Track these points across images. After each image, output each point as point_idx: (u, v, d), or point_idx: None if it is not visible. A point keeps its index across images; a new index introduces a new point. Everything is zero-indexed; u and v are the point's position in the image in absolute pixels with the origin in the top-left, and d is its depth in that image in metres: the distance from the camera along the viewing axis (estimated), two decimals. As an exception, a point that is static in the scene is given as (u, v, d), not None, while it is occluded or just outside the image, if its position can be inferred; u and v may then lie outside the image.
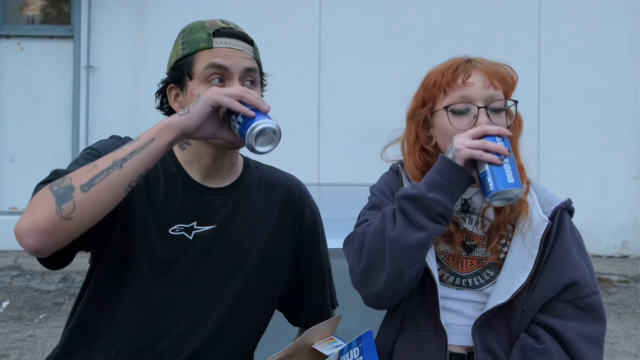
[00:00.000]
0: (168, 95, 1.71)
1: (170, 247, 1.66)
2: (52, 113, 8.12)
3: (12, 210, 8.05)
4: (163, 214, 1.66)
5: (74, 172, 1.45)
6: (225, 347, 1.69)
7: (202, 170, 1.71)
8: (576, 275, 1.61)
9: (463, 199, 1.70)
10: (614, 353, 5.15)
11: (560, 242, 1.65)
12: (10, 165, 8.13)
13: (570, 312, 1.61)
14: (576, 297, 1.61)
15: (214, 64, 1.61)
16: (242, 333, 1.75)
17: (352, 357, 1.47)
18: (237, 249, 1.71)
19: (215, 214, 1.71)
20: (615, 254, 8.08)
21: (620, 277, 7.13)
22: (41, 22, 8.43)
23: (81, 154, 1.65)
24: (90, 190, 1.42)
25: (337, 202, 3.24)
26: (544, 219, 1.64)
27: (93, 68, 7.98)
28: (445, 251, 1.70)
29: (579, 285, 1.61)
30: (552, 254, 1.63)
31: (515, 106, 1.72)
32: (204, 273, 1.68)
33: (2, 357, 4.89)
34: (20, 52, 8.17)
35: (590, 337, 1.59)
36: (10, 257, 7.26)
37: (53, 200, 1.41)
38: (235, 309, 1.70)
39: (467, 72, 1.65)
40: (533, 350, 1.59)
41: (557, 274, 1.61)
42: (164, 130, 1.49)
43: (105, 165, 1.44)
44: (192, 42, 1.66)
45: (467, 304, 1.67)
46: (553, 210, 1.66)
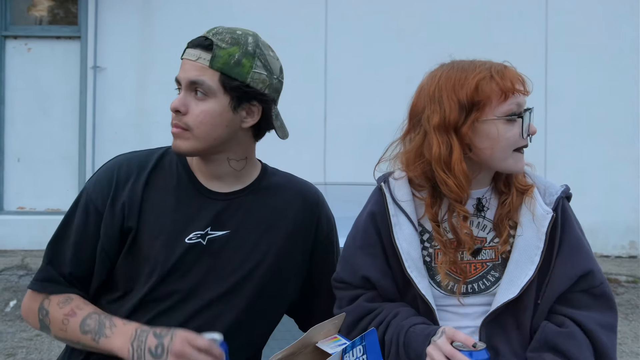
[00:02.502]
0: None
1: (187, 256, 1.67)
2: (59, 113, 8.13)
3: (19, 210, 8.07)
4: (178, 224, 1.68)
5: (53, 316, 1.66)
6: (233, 349, 1.68)
7: (209, 174, 1.73)
8: (590, 264, 1.61)
9: (477, 199, 1.66)
10: (621, 354, 5.12)
11: (569, 232, 1.63)
12: (17, 165, 8.15)
13: (587, 302, 1.60)
14: (591, 286, 1.61)
15: (176, 78, 1.66)
16: (251, 336, 1.76)
17: (356, 355, 1.47)
18: (249, 254, 1.71)
19: (229, 219, 1.72)
20: (623, 254, 8.04)
21: (628, 278, 7.09)
22: (48, 23, 8.44)
23: (74, 207, 1.74)
24: (61, 338, 1.69)
25: (343, 202, 3.22)
26: (547, 210, 1.62)
27: (100, 68, 7.99)
28: (463, 260, 1.66)
29: (593, 274, 1.60)
30: (563, 245, 1.61)
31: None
32: (216, 278, 1.69)
33: (9, 356, 4.90)
34: (27, 53, 8.19)
35: (607, 325, 1.60)
36: (18, 256, 7.28)
37: (38, 325, 1.70)
38: (244, 313, 1.71)
39: (518, 77, 1.63)
40: (558, 334, 1.57)
41: (571, 264, 1.60)
42: (116, 350, 1.57)
43: (73, 337, 1.64)
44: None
45: (473, 307, 1.66)
46: (555, 201, 1.64)
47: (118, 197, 1.68)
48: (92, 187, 1.71)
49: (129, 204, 1.68)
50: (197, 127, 1.63)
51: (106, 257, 1.68)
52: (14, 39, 8.17)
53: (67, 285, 1.69)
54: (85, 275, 1.70)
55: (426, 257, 1.67)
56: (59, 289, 1.68)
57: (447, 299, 1.66)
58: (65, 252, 1.69)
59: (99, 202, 1.68)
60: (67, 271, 1.68)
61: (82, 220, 1.69)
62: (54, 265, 1.69)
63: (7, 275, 6.79)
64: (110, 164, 1.75)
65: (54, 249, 1.71)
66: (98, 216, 1.68)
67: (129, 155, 1.78)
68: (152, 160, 1.74)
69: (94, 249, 1.68)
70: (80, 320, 1.62)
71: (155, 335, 1.54)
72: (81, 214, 1.69)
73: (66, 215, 1.73)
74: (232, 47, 1.62)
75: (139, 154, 1.78)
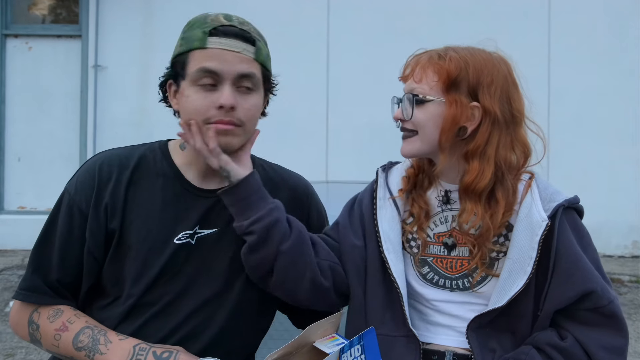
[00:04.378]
0: (168, 91, 1.67)
1: (176, 257, 1.62)
2: (59, 112, 8.12)
3: (19, 210, 8.06)
4: (166, 225, 1.63)
5: (44, 330, 1.59)
6: (226, 351, 1.65)
7: (200, 171, 1.67)
8: (591, 285, 1.52)
9: (445, 190, 1.67)
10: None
11: (568, 247, 1.54)
12: (17, 164, 8.14)
13: (595, 320, 1.53)
14: (598, 306, 1.53)
15: (205, 69, 1.55)
16: (244, 337, 1.72)
17: (354, 355, 1.44)
18: (239, 251, 1.66)
19: (217, 217, 1.67)
20: (626, 254, 8.02)
21: (631, 277, 7.07)
22: (49, 22, 8.43)
23: (56, 211, 1.66)
24: (53, 353, 1.63)
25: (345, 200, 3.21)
26: (543, 218, 1.54)
27: (101, 67, 7.97)
28: (433, 253, 1.66)
29: (597, 294, 1.52)
30: (561, 260, 1.53)
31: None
32: (206, 278, 1.65)
33: (9, 356, 4.88)
34: (28, 52, 8.18)
35: (613, 349, 1.52)
36: (18, 256, 7.26)
37: (28, 338, 1.64)
38: (236, 313, 1.67)
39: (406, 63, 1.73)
40: (548, 345, 1.53)
41: (572, 283, 1.52)
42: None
43: (66, 353, 1.57)
44: (189, 40, 1.60)
45: (463, 305, 1.63)
46: (554, 209, 1.55)
47: (101, 198, 1.61)
48: (73, 189, 1.63)
49: (111, 205, 1.61)
50: (248, 122, 1.60)
51: (93, 260, 1.61)
52: (14, 38, 8.16)
53: (53, 294, 1.62)
54: (73, 281, 1.63)
55: (414, 249, 1.68)
56: (46, 299, 1.61)
57: (435, 292, 1.65)
58: (51, 258, 1.61)
59: (82, 203, 1.61)
60: (54, 278, 1.61)
61: (65, 223, 1.61)
62: (40, 273, 1.61)
63: (7, 275, 6.77)
64: (90, 163, 1.68)
65: (39, 255, 1.63)
66: (82, 218, 1.61)
67: (109, 153, 1.70)
68: (134, 158, 1.67)
69: (80, 252, 1.61)
70: (73, 336, 1.56)
71: (156, 357, 1.50)
72: (64, 217, 1.62)
73: (48, 220, 1.65)
74: (262, 38, 1.63)
75: (119, 151, 1.71)
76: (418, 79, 1.62)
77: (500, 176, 1.58)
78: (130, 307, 1.60)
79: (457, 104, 1.56)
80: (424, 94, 1.59)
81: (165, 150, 1.71)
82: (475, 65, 1.59)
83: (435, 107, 1.58)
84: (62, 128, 8.10)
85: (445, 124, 1.57)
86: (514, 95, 1.62)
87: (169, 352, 1.52)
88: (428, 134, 1.60)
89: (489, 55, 1.65)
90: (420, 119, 1.60)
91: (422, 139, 1.61)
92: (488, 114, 1.57)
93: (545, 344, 1.53)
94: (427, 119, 1.59)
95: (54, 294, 1.62)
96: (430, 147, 1.61)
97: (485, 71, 1.59)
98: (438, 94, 1.59)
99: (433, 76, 1.60)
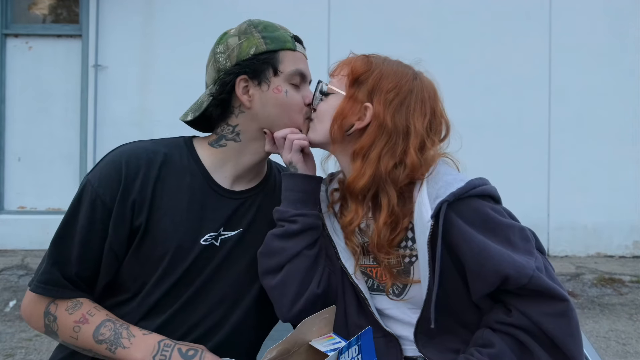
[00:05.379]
0: (236, 86, 1.65)
1: (200, 257, 1.63)
2: (60, 112, 8.11)
3: (20, 210, 8.05)
4: (193, 225, 1.63)
5: (62, 322, 1.58)
6: (236, 348, 1.67)
7: (236, 171, 1.69)
8: (503, 270, 1.45)
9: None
10: (626, 354, 5.09)
11: (468, 240, 1.47)
12: (18, 164, 8.13)
13: (527, 293, 1.47)
14: (520, 285, 1.46)
15: (300, 70, 1.67)
16: (254, 336, 1.74)
17: (351, 355, 1.44)
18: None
19: (241, 218, 1.69)
20: (627, 254, 8.01)
21: (632, 278, 7.06)
22: (49, 21, 8.42)
23: (77, 203, 1.62)
24: (70, 345, 1.62)
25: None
26: (427, 218, 1.48)
27: (101, 67, 7.96)
28: (365, 263, 1.66)
29: (513, 277, 1.45)
30: (466, 254, 1.47)
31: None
32: (225, 278, 1.66)
33: (9, 356, 4.88)
34: (28, 51, 8.17)
35: (555, 314, 1.46)
36: (18, 256, 7.26)
37: (43, 329, 1.63)
38: (251, 314, 1.68)
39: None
40: (502, 324, 1.50)
41: (483, 274, 1.46)
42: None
43: (85, 345, 1.57)
44: (276, 40, 1.66)
45: (403, 310, 1.63)
46: (435, 208, 1.47)
47: (128, 193, 1.59)
48: (97, 181, 1.59)
49: (139, 202, 1.59)
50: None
51: (114, 256, 1.60)
52: (14, 38, 8.15)
53: (73, 288, 1.60)
54: (92, 275, 1.61)
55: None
56: (65, 293, 1.59)
57: (381, 300, 1.65)
58: (71, 251, 1.58)
59: (107, 197, 1.57)
60: (73, 271, 1.58)
61: (88, 216, 1.57)
62: (59, 266, 1.58)
63: (7, 275, 6.77)
64: (115, 156, 1.64)
65: (58, 248, 1.59)
66: (106, 212, 1.58)
67: (134, 146, 1.67)
68: (160, 153, 1.66)
69: (100, 247, 1.58)
70: (94, 328, 1.54)
71: (182, 354, 1.49)
72: (87, 210, 1.58)
73: (69, 212, 1.61)
74: None
75: (144, 144, 1.69)
76: (336, 73, 1.70)
77: (382, 183, 1.57)
78: (150, 304, 1.60)
79: (352, 100, 1.62)
80: (331, 85, 1.68)
81: (192, 148, 1.71)
82: (382, 71, 1.63)
83: (335, 99, 1.66)
84: (63, 128, 8.09)
85: (336, 114, 1.63)
86: (415, 110, 1.60)
87: (194, 350, 1.52)
88: (323, 123, 1.67)
89: (406, 69, 1.67)
90: (321, 108, 1.68)
91: (314, 127, 1.69)
92: (377, 117, 1.59)
93: (495, 322, 1.51)
94: (325, 108, 1.67)
95: (74, 288, 1.60)
96: (322, 137, 1.68)
97: (390, 78, 1.62)
98: (341, 88, 1.66)
99: (346, 72, 1.67)
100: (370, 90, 1.61)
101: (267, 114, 1.65)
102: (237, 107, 1.67)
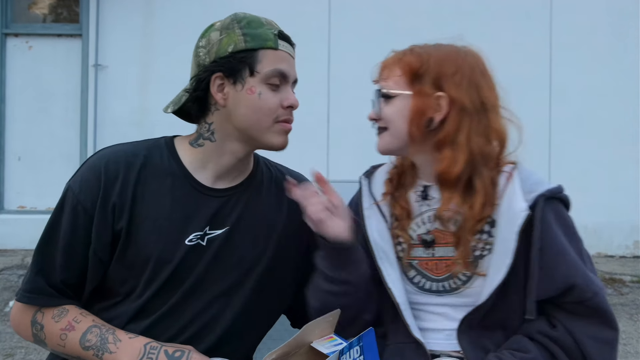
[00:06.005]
0: (211, 84, 1.62)
1: (187, 258, 1.60)
2: (60, 112, 8.10)
3: (20, 209, 8.05)
4: (177, 226, 1.60)
5: (49, 330, 1.58)
6: (231, 350, 1.64)
7: (218, 170, 1.65)
8: (574, 279, 1.50)
9: (423, 186, 1.67)
10: (626, 354, 5.08)
11: (553, 239, 1.52)
12: (18, 164, 8.13)
13: (581, 311, 1.51)
14: (582, 299, 1.50)
15: (279, 70, 1.60)
16: (248, 336, 1.71)
17: (353, 356, 1.43)
18: (248, 252, 1.66)
19: (227, 216, 1.65)
20: (627, 254, 8.01)
21: (632, 278, 7.05)
22: (50, 21, 8.42)
23: (60, 210, 1.62)
24: (59, 353, 1.61)
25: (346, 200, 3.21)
26: (522, 208, 1.50)
27: (101, 66, 7.96)
28: (418, 256, 1.65)
29: (580, 288, 1.49)
30: (546, 252, 1.50)
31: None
32: (215, 278, 1.63)
33: (8, 356, 4.87)
34: (28, 51, 8.16)
35: (602, 339, 1.50)
36: (18, 256, 7.25)
37: (31, 338, 1.61)
38: (243, 314, 1.66)
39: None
40: (544, 335, 1.51)
41: (554, 276, 1.50)
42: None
43: (73, 352, 1.56)
44: (257, 37, 1.61)
45: (450, 308, 1.62)
46: (534, 199, 1.52)
47: (108, 198, 1.58)
48: (78, 187, 1.59)
49: (119, 205, 1.58)
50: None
51: (99, 262, 1.59)
52: (14, 37, 8.14)
53: (59, 295, 1.59)
54: (77, 282, 1.61)
55: (400, 253, 1.67)
56: (51, 301, 1.59)
57: (424, 297, 1.64)
58: (55, 258, 1.58)
59: (87, 203, 1.57)
60: (58, 279, 1.58)
61: (70, 223, 1.57)
62: (43, 274, 1.58)
63: (7, 275, 6.76)
64: (94, 160, 1.64)
65: (42, 255, 1.59)
66: (88, 218, 1.57)
67: (113, 150, 1.66)
68: (140, 156, 1.64)
69: (85, 253, 1.58)
70: (80, 335, 1.54)
71: (168, 356, 1.48)
72: (69, 216, 1.58)
73: (51, 219, 1.61)
74: None
75: (124, 147, 1.68)
76: (385, 77, 1.67)
77: (476, 165, 1.57)
78: (138, 307, 1.59)
79: (422, 95, 1.58)
80: (389, 89, 1.63)
81: (172, 148, 1.69)
82: (437, 57, 1.62)
83: (401, 100, 1.62)
84: (63, 127, 8.08)
85: (412, 115, 1.59)
86: (482, 84, 1.62)
87: (181, 352, 1.50)
88: (397, 127, 1.62)
89: (454, 48, 1.66)
90: (388, 114, 1.63)
91: (392, 133, 1.64)
92: (455, 102, 1.57)
93: (536, 332, 1.52)
94: (394, 112, 1.62)
95: (59, 295, 1.59)
96: (401, 141, 1.63)
97: (449, 61, 1.61)
98: (403, 88, 1.62)
99: (399, 72, 1.63)
100: (435, 80, 1.59)
101: (238, 114, 1.60)
102: (214, 105, 1.64)
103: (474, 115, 1.58)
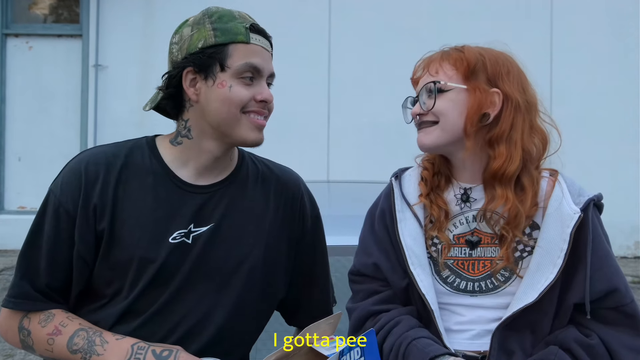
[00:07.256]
0: (183, 79, 1.61)
1: (172, 256, 1.58)
2: (60, 112, 8.11)
3: (20, 210, 8.05)
4: (160, 224, 1.59)
5: (36, 336, 1.56)
6: (225, 350, 1.63)
7: (198, 167, 1.64)
8: (616, 282, 1.52)
9: (463, 188, 1.66)
10: (627, 355, 5.07)
11: (600, 242, 1.55)
12: (18, 164, 8.13)
13: (617, 319, 1.52)
14: (620, 304, 1.52)
15: (251, 64, 1.57)
16: (242, 335, 1.69)
17: (353, 357, 1.42)
18: (235, 248, 1.64)
19: (211, 213, 1.63)
20: (628, 254, 8.01)
21: (633, 278, 7.04)
22: (50, 21, 8.42)
23: (42, 214, 1.61)
24: (47, 358, 1.59)
25: (346, 200, 3.20)
26: (575, 210, 1.54)
27: (101, 67, 7.96)
28: (455, 256, 1.64)
29: (620, 292, 1.52)
30: (594, 254, 1.52)
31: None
32: (202, 276, 1.61)
33: (8, 357, 4.86)
34: (28, 51, 8.17)
35: (637, 349, 1.51)
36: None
37: (19, 344, 1.60)
38: (236, 312, 1.63)
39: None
40: (575, 341, 1.51)
41: (600, 277, 1.51)
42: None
43: (61, 356, 1.54)
44: (227, 32, 1.58)
45: (482, 309, 1.61)
46: (585, 202, 1.56)
47: (89, 199, 1.56)
48: (59, 190, 1.58)
49: (100, 206, 1.56)
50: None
51: (84, 264, 1.57)
52: (15, 37, 8.15)
53: (44, 300, 1.57)
54: (63, 285, 1.59)
55: (433, 253, 1.65)
56: (36, 305, 1.57)
57: (455, 297, 1.63)
58: (39, 263, 1.56)
59: (69, 205, 1.56)
60: (43, 283, 1.56)
61: (52, 226, 1.56)
62: (28, 279, 1.56)
63: (7, 275, 6.76)
64: (75, 162, 1.62)
65: (26, 260, 1.57)
66: (70, 220, 1.56)
67: (94, 151, 1.65)
68: (121, 156, 1.63)
69: (69, 255, 1.56)
70: (67, 339, 1.52)
71: (155, 356, 1.47)
72: (51, 220, 1.56)
73: (34, 223, 1.60)
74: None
75: (104, 149, 1.66)
76: (434, 72, 1.65)
77: (526, 164, 1.61)
78: (125, 308, 1.57)
79: (478, 90, 1.59)
80: (444, 82, 1.61)
81: (154, 147, 1.68)
82: (490, 56, 1.64)
83: (456, 94, 1.60)
84: (63, 127, 8.09)
85: (470, 110, 1.58)
86: (526, 86, 1.66)
87: (168, 351, 1.49)
88: (450, 121, 1.60)
89: (501, 51, 1.69)
90: (442, 107, 1.60)
91: (444, 127, 1.61)
92: (509, 99, 1.59)
93: (572, 340, 1.51)
94: (449, 106, 1.60)
95: (45, 299, 1.58)
96: (451, 136, 1.61)
97: (501, 62, 1.64)
98: (458, 83, 1.61)
99: (451, 67, 1.63)
100: (490, 77, 1.61)
101: (211, 109, 1.58)
102: (188, 101, 1.63)
103: (525, 114, 1.61)
